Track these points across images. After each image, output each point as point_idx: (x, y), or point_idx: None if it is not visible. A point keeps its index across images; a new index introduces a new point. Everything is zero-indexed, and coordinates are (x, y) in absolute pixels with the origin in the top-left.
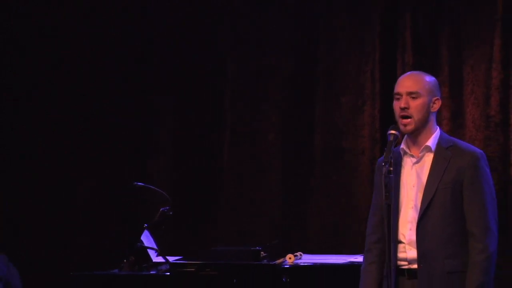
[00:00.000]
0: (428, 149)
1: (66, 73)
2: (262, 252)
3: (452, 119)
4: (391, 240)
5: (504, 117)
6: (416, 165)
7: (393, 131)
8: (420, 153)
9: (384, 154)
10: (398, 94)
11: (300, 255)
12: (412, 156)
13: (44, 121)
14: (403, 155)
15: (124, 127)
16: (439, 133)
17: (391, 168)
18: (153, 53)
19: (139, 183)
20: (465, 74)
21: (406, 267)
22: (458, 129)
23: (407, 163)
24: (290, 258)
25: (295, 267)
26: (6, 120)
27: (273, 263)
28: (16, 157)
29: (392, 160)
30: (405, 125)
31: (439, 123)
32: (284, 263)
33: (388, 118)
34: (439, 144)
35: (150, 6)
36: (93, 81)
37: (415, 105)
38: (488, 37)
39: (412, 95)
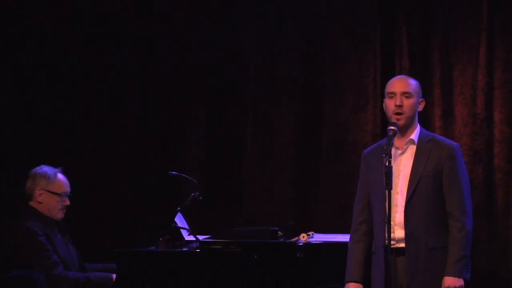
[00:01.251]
0: (412, 141)
1: (116, 71)
2: (279, 232)
3: (444, 117)
4: (386, 221)
5: (488, 115)
6: (401, 155)
7: (393, 127)
8: (404, 145)
9: (385, 148)
10: (393, 93)
11: (312, 234)
12: (398, 148)
13: (98, 118)
14: (393, 147)
15: (166, 123)
16: (419, 129)
17: (390, 159)
18: (187, 61)
19: (173, 172)
20: (454, 78)
21: (395, 245)
22: (449, 125)
23: (393, 154)
24: (303, 237)
25: (308, 245)
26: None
27: (288, 241)
28: (73, 149)
29: (389, 152)
30: (398, 119)
31: (431, 120)
32: (298, 241)
33: (385, 115)
34: (420, 137)
35: (179, 16)
36: (138, 80)
37: (408, 104)
38: (474, 46)
39: (406, 94)
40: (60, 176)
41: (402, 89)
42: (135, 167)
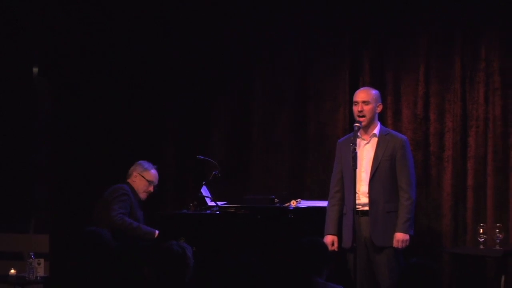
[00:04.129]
0: (375, 135)
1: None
2: (275, 199)
3: (394, 116)
4: (353, 191)
5: (425, 115)
6: (366, 145)
7: (357, 124)
8: (369, 137)
9: (352, 138)
10: (356, 102)
11: (300, 200)
12: (364, 139)
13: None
14: (358, 138)
15: (195, 117)
16: (380, 126)
17: (356, 147)
18: (210, 71)
19: (201, 156)
20: (401, 89)
21: (360, 209)
22: (397, 122)
23: (360, 144)
24: (293, 203)
25: (297, 209)
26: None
27: (282, 206)
28: (121, 137)
29: (355, 142)
30: (363, 121)
31: (386, 119)
32: (289, 206)
33: (353, 116)
34: (380, 132)
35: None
36: (173, 82)
37: (367, 109)
38: (416, 66)
39: (365, 102)
40: (153, 170)
41: (362, 99)
42: (177, 153)
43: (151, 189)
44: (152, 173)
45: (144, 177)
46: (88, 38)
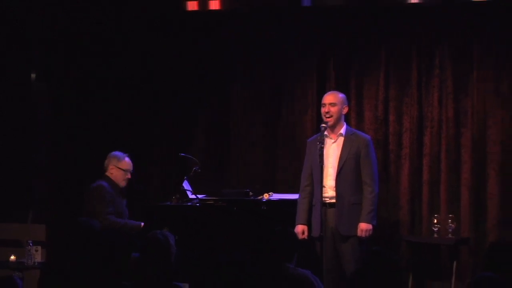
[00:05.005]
0: (341, 135)
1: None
2: (250, 192)
3: (357, 118)
4: (321, 186)
5: (385, 117)
6: (334, 144)
7: (324, 125)
8: (336, 137)
9: (319, 138)
10: (324, 104)
11: (272, 194)
12: (331, 138)
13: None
14: (325, 138)
15: (180, 118)
16: (346, 126)
17: (322, 145)
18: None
19: (183, 154)
20: (364, 94)
21: (328, 201)
22: (361, 123)
23: (328, 142)
24: (266, 196)
25: (269, 201)
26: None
27: (256, 198)
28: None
29: (323, 141)
30: (329, 121)
31: (350, 119)
32: (262, 199)
33: (320, 117)
34: (346, 132)
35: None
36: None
37: (333, 110)
38: (377, 74)
39: (332, 104)
40: (126, 158)
41: (329, 101)
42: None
43: (128, 176)
44: (127, 161)
45: (120, 168)
46: (83, 39)
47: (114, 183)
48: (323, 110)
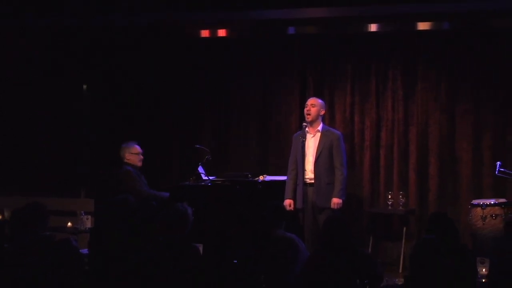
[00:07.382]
0: (318, 131)
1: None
2: (249, 175)
3: (330, 119)
4: (303, 170)
5: (351, 118)
6: (312, 138)
7: (305, 123)
8: (315, 132)
9: (300, 133)
10: (306, 105)
11: (266, 176)
12: (311, 134)
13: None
14: (307, 133)
15: (191, 119)
16: (322, 124)
17: (304, 139)
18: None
19: (198, 146)
20: (335, 100)
21: (308, 181)
22: (332, 122)
23: (308, 137)
24: (261, 178)
25: (264, 181)
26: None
27: (253, 179)
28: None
29: (304, 136)
30: (308, 118)
31: (327, 120)
32: (258, 180)
33: (303, 118)
34: (323, 129)
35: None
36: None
37: (313, 110)
38: (345, 85)
39: (312, 105)
40: (136, 145)
41: (311, 102)
42: (180, 143)
43: (141, 157)
44: (137, 147)
45: (133, 153)
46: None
47: (134, 165)
48: (305, 109)
